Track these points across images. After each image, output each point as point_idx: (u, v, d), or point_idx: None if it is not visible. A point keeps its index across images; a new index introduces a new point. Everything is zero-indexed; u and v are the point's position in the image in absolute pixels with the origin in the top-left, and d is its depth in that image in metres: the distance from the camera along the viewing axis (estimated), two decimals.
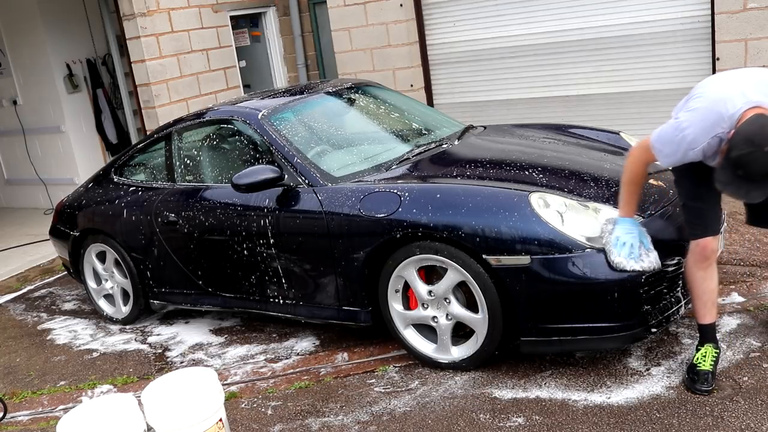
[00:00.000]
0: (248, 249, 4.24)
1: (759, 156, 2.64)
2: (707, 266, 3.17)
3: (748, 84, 2.86)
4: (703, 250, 3.15)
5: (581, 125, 4.99)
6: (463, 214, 3.42)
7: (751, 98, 2.80)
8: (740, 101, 2.81)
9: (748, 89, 2.84)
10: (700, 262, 3.17)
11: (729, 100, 2.83)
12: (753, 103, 2.79)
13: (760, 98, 2.80)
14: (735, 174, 2.72)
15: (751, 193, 2.75)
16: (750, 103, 2.79)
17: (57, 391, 4.33)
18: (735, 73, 3.03)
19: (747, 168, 2.69)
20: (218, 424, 2.92)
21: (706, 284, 3.19)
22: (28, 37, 8.23)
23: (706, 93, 2.94)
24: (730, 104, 2.82)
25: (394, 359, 3.94)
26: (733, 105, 2.81)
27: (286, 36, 9.42)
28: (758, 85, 2.86)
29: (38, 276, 6.65)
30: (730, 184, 2.77)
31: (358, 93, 5.00)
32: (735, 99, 2.82)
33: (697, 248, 3.17)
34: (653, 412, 3.10)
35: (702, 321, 3.27)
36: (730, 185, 2.78)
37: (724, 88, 2.89)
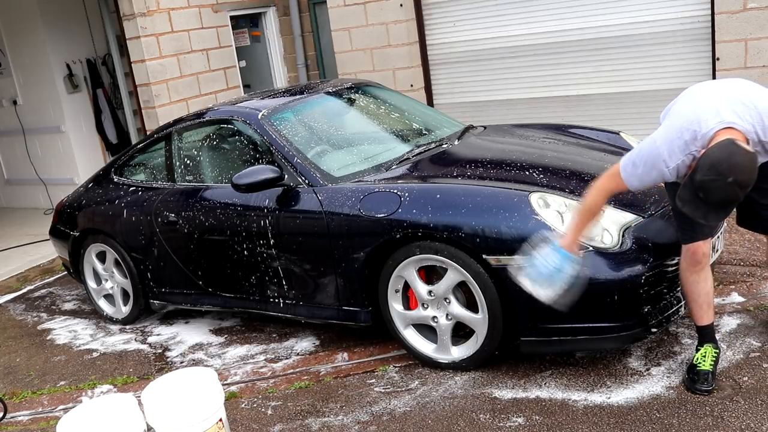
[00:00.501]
0: (248, 249, 4.24)
1: (721, 185, 2.60)
2: (699, 270, 3.17)
3: (724, 102, 2.81)
4: (693, 254, 3.14)
5: (581, 125, 4.99)
6: (463, 214, 3.42)
7: (724, 118, 2.75)
8: (713, 121, 2.76)
9: (723, 108, 2.78)
10: (691, 266, 3.17)
11: (703, 119, 2.78)
12: (726, 124, 2.75)
13: (734, 118, 2.75)
14: (696, 195, 2.67)
15: (708, 215, 2.71)
16: (723, 123, 2.75)
17: (57, 391, 4.33)
18: (713, 87, 2.96)
19: (708, 194, 2.64)
20: (218, 424, 2.92)
21: (699, 288, 3.19)
22: (28, 37, 8.23)
23: (682, 110, 2.90)
24: (703, 123, 2.77)
25: (394, 359, 3.94)
26: (707, 124, 2.76)
27: (286, 36, 9.42)
28: (734, 102, 2.80)
29: (38, 276, 6.65)
30: (689, 203, 2.72)
31: (358, 93, 5.00)
32: (709, 118, 2.77)
33: (688, 252, 3.17)
34: (653, 412, 3.10)
35: (699, 323, 3.27)
36: (689, 204, 2.72)
37: (699, 106, 2.84)
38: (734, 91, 2.86)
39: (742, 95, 2.83)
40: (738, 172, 2.58)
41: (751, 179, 2.63)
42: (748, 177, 2.61)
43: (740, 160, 2.59)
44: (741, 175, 2.58)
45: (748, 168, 2.60)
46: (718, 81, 3.04)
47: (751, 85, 2.96)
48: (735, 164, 2.58)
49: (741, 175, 2.58)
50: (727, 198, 2.63)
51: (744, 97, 2.81)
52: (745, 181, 2.61)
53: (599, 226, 3.34)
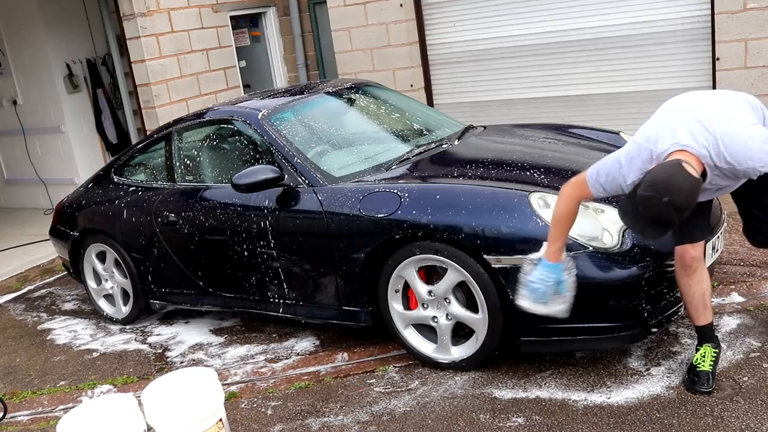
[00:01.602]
0: (248, 249, 4.24)
1: (657, 203, 2.61)
2: (691, 273, 3.17)
3: (685, 122, 2.80)
4: (682, 258, 3.14)
5: (581, 125, 4.99)
6: (463, 215, 3.42)
7: (679, 140, 2.76)
8: (669, 141, 2.77)
9: (681, 129, 2.78)
10: (682, 270, 3.18)
11: (660, 139, 2.80)
12: (680, 146, 2.75)
13: (689, 141, 2.74)
14: (636, 208, 2.69)
15: (646, 231, 2.72)
16: (677, 145, 2.75)
17: (57, 391, 4.33)
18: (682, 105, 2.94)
19: (645, 210, 2.66)
20: (218, 424, 2.92)
21: (692, 290, 3.19)
22: (28, 37, 8.23)
23: (646, 127, 2.91)
24: (660, 143, 2.79)
25: (394, 359, 3.94)
26: (662, 145, 2.78)
27: (286, 36, 9.42)
28: (694, 124, 2.78)
29: (38, 276, 6.65)
30: (630, 215, 2.74)
31: (358, 93, 5.00)
32: (665, 139, 2.78)
33: (678, 256, 3.17)
34: (653, 412, 3.10)
35: (697, 323, 3.27)
36: (629, 216, 2.74)
37: (660, 125, 2.85)
38: (699, 111, 2.83)
39: (705, 117, 2.79)
40: (675, 194, 2.59)
41: (688, 203, 2.64)
42: (684, 200, 2.62)
43: (680, 182, 2.61)
44: (677, 197, 2.60)
45: (686, 192, 2.61)
46: (695, 96, 3.00)
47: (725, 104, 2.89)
48: (673, 186, 2.60)
49: (677, 197, 2.60)
50: (661, 217, 2.65)
51: (707, 120, 2.78)
52: (681, 203, 2.62)
53: (600, 226, 3.35)
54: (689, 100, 2.97)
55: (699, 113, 2.82)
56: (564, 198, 3.06)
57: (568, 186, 3.08)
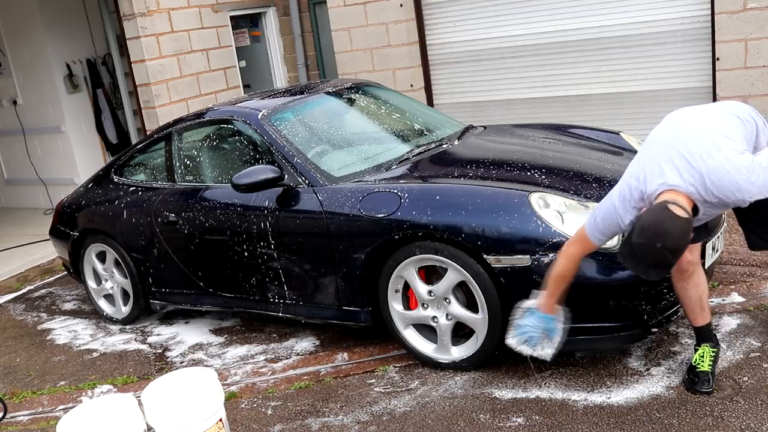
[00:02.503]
0: (248, 249, 4.24)
1: (651, 250, 2.62)
2: (687, 277, 3.19)
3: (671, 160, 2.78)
4: (678, 262, 3.14)
5: (581, 125, 4.99)
6: (463, 215, 3.42)
7: (667, 180, 2.75)
8: (657, 182, 2.76)
9: (668, 168, 2.77)
10: (678, 273, 3.19)
11: (649, 179, 2.78)
12: (667, 186, 2.74)
13: (677, 180, 2.73)
14: (634, 254, 2.71)
15: (648, 272, 2.75)
16: (665, 186, 2.74)
17: (57, 391, 4.33)
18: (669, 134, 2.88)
19: (641, 256, 2.68)
20: (218, 424, 2.92)
21: (689, 293, 3.21)
22: (28, 37, 8.23)
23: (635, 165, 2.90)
24: (648, 183, 2.78)
25: (394, 359, 3.94)
26: (651, 185, 2.77)
27: (286, 36, 9.42)
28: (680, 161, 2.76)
29: (38, 276, 6.65)
30: (629, 259, 2.76)
31: (358, 93, 5.00)
32: (654, 179, 2.77)
33: None
34: (653, 412, 3.10)
35: (695, 324, 3.28)
36: (629, 260, 2.76)
37: (647, 163, 2.83)
38: (685, 144, 2.79)
39: (689, 152, 2.77)
40: (666, 238, 2.60)
41: (681, 244, 2.64)
42: (676, 243, 2.63)
43: (669, 226, 2.61)
44: (669, 241, 2.61)
45: (677, 235, 2.61)
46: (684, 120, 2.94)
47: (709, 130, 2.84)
48: (664, 231, 2.60)
49: (669, 241, 2.61)
50: (658, 261, 2.67)
51: (691, 155, 2.76)
52: (674, 246, 2.63)
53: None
54: (674, 128, 2.91)
55: (684, 147, 2.78)
56: (566, 258, 3.05)
57: (570, 245, 3.06)
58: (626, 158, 4.18)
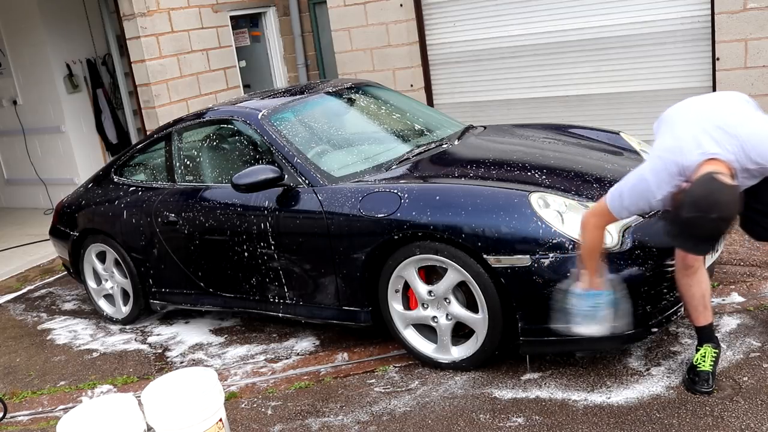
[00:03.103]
0: (248, 249, 4.24)
1: (705, 221, 2.62)
2: (692, 273, 3.18)
3: (705, 131, 2.78)
4: (684, 258, 3.14)
5: (581, 125, 4.99)
6: (463, 215, 3.42)
7: (706, 149, 2.74)
8: (696, 152, 2.75)
9: (704, 138, 2.77)
10: (683, 270, 3.18)
11: (686, 151, 2.77)
12: (708, 155, 2.74)
13: (716, 149, 2.74)
14: (683, 231, 2.70)
15: (698, 247, 2.76)
16: (705, 155, 2.74)
17: (57, 391, 4.33)
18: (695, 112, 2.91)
19: (694, 229, 2.68)
20: (218, 424, 2.92)
21: (693, 290, 3.20)
22: (28, 37, 8.23)
23: (665, 141, 2.88)
24: (687, 155, 2.77)
25: (394, 359, 3.94)
26: (689, 156, 2.76)
27: (286, 36, 9.42)
28: (715, 131, 2.77)
29: (38, 276, 6.65)
30: (678, 236, 2.75)
31: (358, 93, 5.00)
32: (691, 149, 2.76)
33: (679, 256, 3.17)
34: (653, 412, 3.10)
35: (697, 324, 3.28)
36: (678, 238, 2.75)
37: (681, 137, 2.83)
38: (716, 116, 2.82)
39: (723, 122, 2.79)
40: (720, 209, 2.61)
41: (733, 212, 2.66)
42: (730, 211, 2.64)
43: (721, 196, 2.61)
44: (723, 210, 2.61)
45: (729, 202, 2.63)
46: (702, 101, 2.98)
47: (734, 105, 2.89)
48: (716, 201, 2.61)
49: (724, 211, 2.61)
50: (713, 233, 2.69)
51: (726, 124, 2.78)
52: (728, 214, 2.64)
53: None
54: (699, 106, 2.93)
55: (716, 119, 2.80)
56: (589, 229, 3.04)
57: (591, 217, 3.05)
58: (626, 158, 4.19)
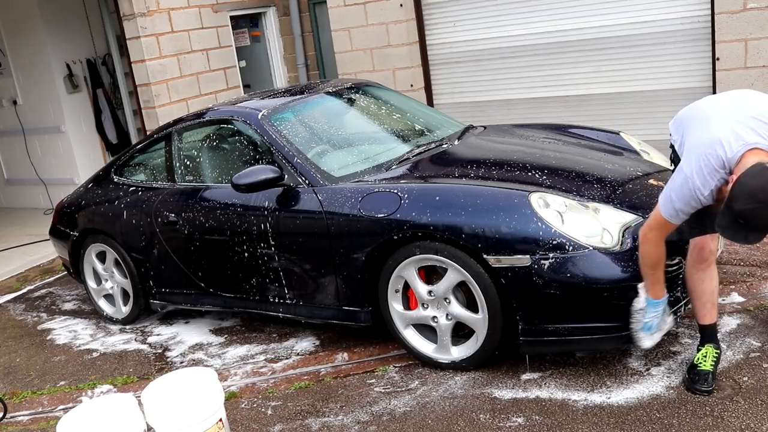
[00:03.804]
0: (248, 249, 4.24)
1: (762, 211, 2.62)
2: (705, 267, 3.17)
3: (741, 122, 2.78)
4: (701, 250, 3.14)
5: (581, 125, 4.99)
6: (463, 215, 3.42)
7: (747, 140, 2.74)
8: (736, 144, 2.74)
9: (742, 129, 2.77)
10: (698, 263, 3.17)
11: (725, 143, 2.76)
12: (750, 145, 2.74)
13: (756, 138, 2.74)
14: (736, 221, 2.69)
15: (749, 236, 2.73)
16: (747, 145, 2.73)
17: (57, 391, 4.33)
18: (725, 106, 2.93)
19: (749, 220, 2.66)
20: (218, 424, 2.92)
21: (704, 285, 3.19)
22: (28, 37, 8.23)
23: (702, 138, 2.87)
24: (727, 147, 2.76)
25: (394, 359, 3.94)
26: (731, 148, 2.75)
27: (286, 36, 9.42)
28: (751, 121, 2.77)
29: (38, 276, 6.65)
30: (729, 228, 2.74)
31: (358, 93, 5.00)
32: (731, 141, 2.76)
33: (695, 249, 3.17)
34: (653, 412, 3.10)
35: (702, 321, 3.27)
36: (729, 230, 2.74)
37: (718, 130, 2.82)
38: (750, 108, 2.83)
39: (758, 112, 2.80)
40: None
41: None
42: None
43: None
44: None
45: None
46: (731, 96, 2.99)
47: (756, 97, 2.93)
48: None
49: None
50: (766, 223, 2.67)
51: (761, 114, 2.79)
52: None
53: (600, 226, 3.34)
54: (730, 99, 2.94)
55: (751, 110, 2.81)
56: (652, 244, 3.03)
57: (649, 231, 3.03)
58: (626, 158, 4.19)
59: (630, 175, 3.87)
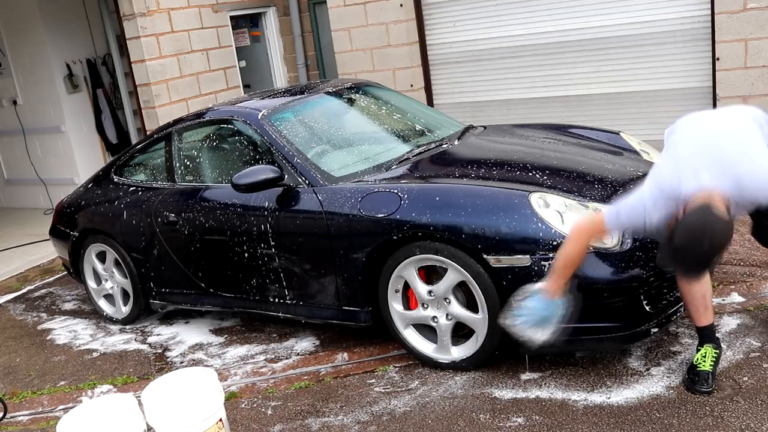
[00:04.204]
0: (248, 249, 4.24)
1: (697, 250, 2.68)
2: None
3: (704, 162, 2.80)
4: None
5: (581, 125, 4.99)
6: (463, 215, 3.42)
7: (702, 182, 2.76)
8: (692, 184, 2.77)
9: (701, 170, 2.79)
10: None
11: (683, 181, 2.80)
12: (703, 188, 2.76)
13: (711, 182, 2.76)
14: (675, 257, 2.77)
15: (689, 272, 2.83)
16: (701, 188, 2.76)
17: (57, 391, 4.34)
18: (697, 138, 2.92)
19: (686, 256, 2.74)
20: (218, 424, 2.92)
21: (694, 290, 3.20)
22: (28, 37, 8.23)
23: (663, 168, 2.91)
24: (684, 185, 2.80)
25: (394, 359, 3.94)
26: (686, 187, 2.79)
27: (286, 36, 9.42)
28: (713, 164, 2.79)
29: (38, 276, 6.65)
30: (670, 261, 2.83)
31: (358, 93, 5.00)
32: (688, 181, 2.79)
33: None
34: (653, 412, 3.10)
35: (698, 324, 3.28)
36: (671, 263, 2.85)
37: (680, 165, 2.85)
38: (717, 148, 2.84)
39: (723, 156, 2.81)
40: (712, 239, 2.66)
41: (725, 243, 2.72)
42: (722, 242, 2.69)
43: (715, 226, 2.65)
44: (716, 240, 2.67)
45: (723, 234, 2.67)
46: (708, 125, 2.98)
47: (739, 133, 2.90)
48: (709, 232, 2.65)
49: (716, 241, 2.67)
50: (704, 260, 2.75)
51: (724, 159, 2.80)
52: (720, 244, 2.69)
53: None
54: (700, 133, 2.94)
55: (716, 152, 2.82)
56: (576, 239, 3.06)
57: (583, 226, 3.08)
58: (626, 158, 4.19)
59: (630, 176, 3.86)
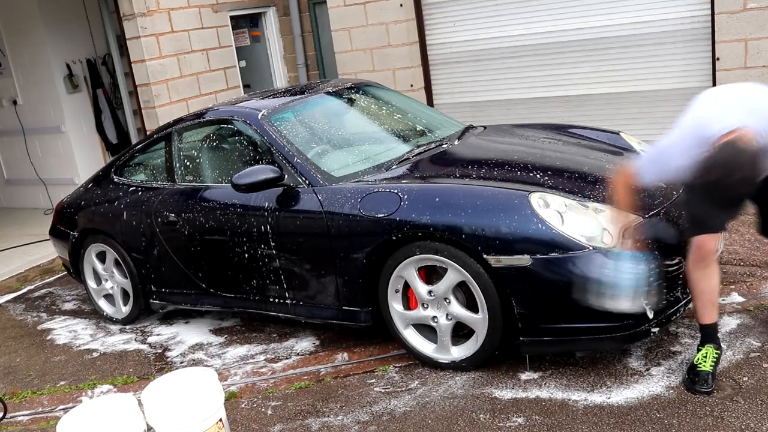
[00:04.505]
0: (248, 249, 4.24)
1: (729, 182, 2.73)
2: (705, 266, 3.17)
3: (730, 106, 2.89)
4: (699, 249, 3.14)
5: (581, 125, 4.99)
6: (463, 215, 3.42)
7: (730, 123, 2.84)
8: (719, 125, 2.85)
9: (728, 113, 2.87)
10: (698, 262, 3.17)
11: (710, 123, 2.89)
12: (731, 127, 2.83)
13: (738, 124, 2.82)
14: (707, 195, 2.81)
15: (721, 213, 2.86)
16: (728, 128, 2.83)
17: (57, 391, 4.34)
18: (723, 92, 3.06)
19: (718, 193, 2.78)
20: (218, 424, 2.92)
21: (703, 284, 3.19)
22: (28, 37, 8.23)
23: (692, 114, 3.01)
24: (710, 127, 2.88)
25: (394, 359, 3.94)
26: (713, 128, 2.87)
27: (286, 36, 9.42)
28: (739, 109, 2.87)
29: (38, 276, 6.65)
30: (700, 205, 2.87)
31: (358, 93, 5.00)
32: (715, 122, 2.87)
33: (695, 247, 3.17)
34: (653, 412, 3.10)
35: (702, 321, 3.27)
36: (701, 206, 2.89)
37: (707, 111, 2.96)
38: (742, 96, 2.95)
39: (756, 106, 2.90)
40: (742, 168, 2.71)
41: (756, 173, 2.76)
42: (752, 171, 2.74)
43: (742, 157, 2.72)
44: (746, 170, 2.72)
45: (751, 162, 2.73)
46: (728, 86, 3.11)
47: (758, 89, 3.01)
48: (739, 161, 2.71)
49: (746, 171, 2.72)
50: (736, 194, 2.79)
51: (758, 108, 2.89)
52: (751, 175, 2.75)
53: (599, 226, 3.34)
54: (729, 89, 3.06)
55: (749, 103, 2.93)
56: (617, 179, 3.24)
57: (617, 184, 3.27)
58: (626, 158, 4.19)
59: None
